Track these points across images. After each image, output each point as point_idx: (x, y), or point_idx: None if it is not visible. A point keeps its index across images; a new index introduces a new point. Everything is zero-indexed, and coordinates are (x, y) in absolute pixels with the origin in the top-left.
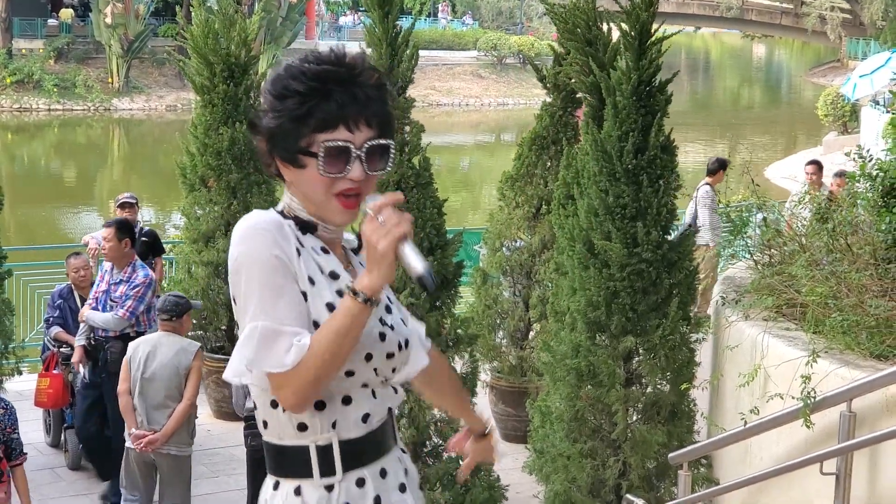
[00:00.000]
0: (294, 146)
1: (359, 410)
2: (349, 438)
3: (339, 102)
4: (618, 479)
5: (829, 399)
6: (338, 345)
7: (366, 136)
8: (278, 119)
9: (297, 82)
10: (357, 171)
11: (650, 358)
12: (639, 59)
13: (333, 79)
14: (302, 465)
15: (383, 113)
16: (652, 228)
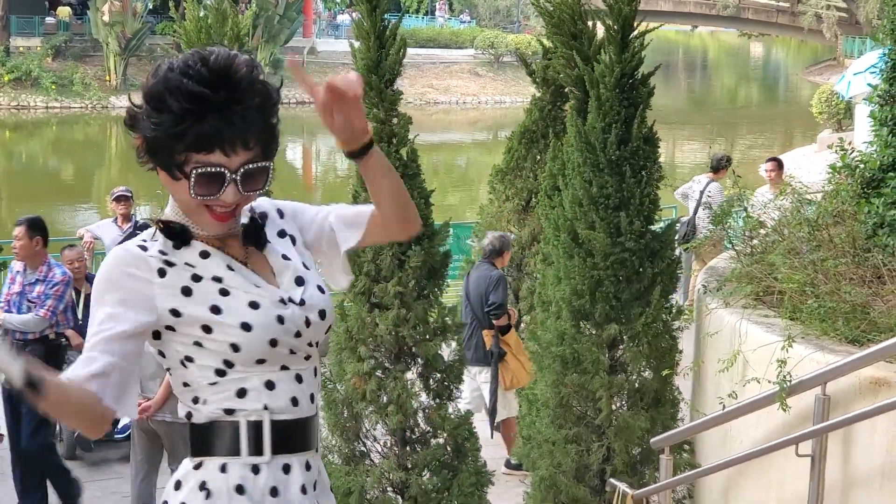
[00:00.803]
0: (169, 161)
1: (287, 394)
2: (281, 420)
3: (214, 127)
4: (602, 464)
5: (804, 383)
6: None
7: (242, 159)
8: (154, 131)
9: (174, 99)
10: (230, 194)
11: (633, 345)
12: (621, 53)
13: (210, 101)
14: (227, 442)
15: (263, 134)
16: (635, 218)
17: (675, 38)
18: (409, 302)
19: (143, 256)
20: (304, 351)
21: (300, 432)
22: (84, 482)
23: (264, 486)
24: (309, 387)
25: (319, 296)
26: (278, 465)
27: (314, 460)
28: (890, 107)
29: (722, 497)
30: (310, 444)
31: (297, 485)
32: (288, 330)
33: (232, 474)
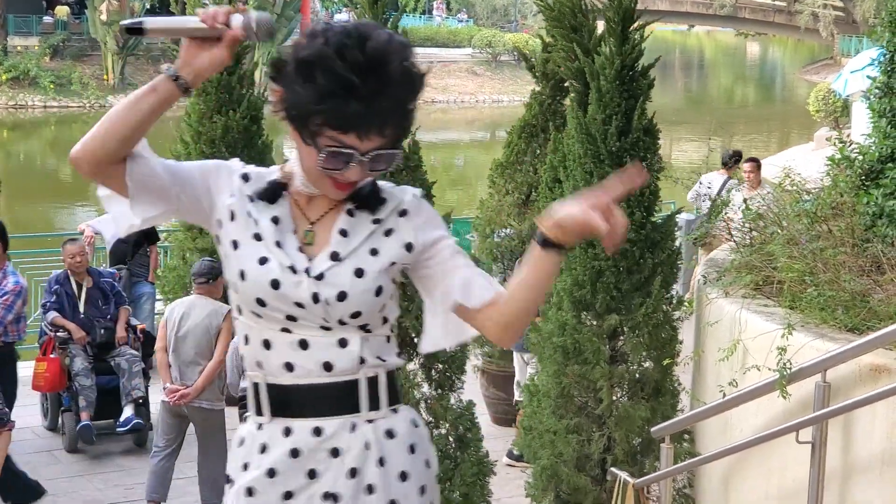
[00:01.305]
0: (303, 127)
1: (280, 357)
2: (275, 383)
3: (356, 113)
4: (603, 453)
5: (804, 370)
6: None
7: (374, 144)
8: (296, 97)
9: (323, 77)
10: (355, 173)
11: (634, 336)
12: (622, 45)
13: (358, 86)
14: (250, 399)
15: (400, 120)
16: (636, 209)
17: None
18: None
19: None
20: (314, 322)
21: (302, 398)
22: (86, 475)
23: (258, 441)
24: (322, 355)
25: (348, 277)
26: (278, 427)
27: (336, 428)
28: (888, 98)
29: (722, 485)
30: (325, 411)
31: (287, 446)
32: (282, 296)
33: (243, 427)
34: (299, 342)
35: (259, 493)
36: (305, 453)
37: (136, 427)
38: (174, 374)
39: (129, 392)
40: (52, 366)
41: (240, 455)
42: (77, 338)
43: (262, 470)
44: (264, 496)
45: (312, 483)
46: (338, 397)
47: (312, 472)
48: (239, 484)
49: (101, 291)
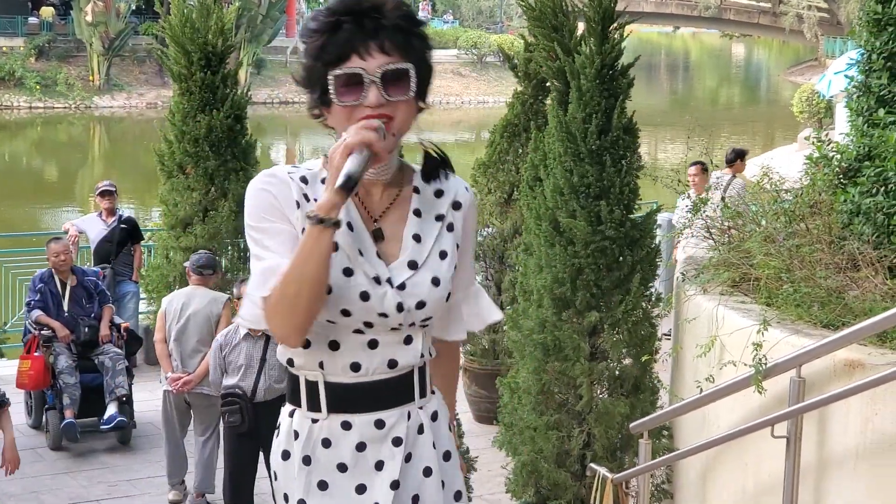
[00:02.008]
0: (318, 84)
1: (346, 358)
2: (337, 382)
3: (348, 32)
4: (582, 449)
5: (779, 365)
6: (298, 272)
7: (380, 61)
8: (306, 59)
9: (314, 21)
10: (373, 96)
11: (614, 332)
12: (601, 44)
13: (344, 11)
14: (296, 393)
15: (403, 39)
16: (615, 207)
17: (657, 40)
18: None
19: (287, 181)
20: (388, 326)
21: (363, 395)
22: (71, 472)
23: (317, 436)
24: (388, 353)
25: (427, 286)
26: (336, 421)
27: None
28: (865, 97)
29: (700, 480)
30: (385, 403)
31: (352, 440)
32: (369, 308)
33: (295, 420)
34: (369, 342)
35: (332, 487)
36: (370, 446)
37: (120, 425)
38: (175, 364)
39: (113, 390)
40: (36, 364)
41: (297, 449)
42: (61, 336)
43: (332, 464)
44: (338, 490)
45: (380, 473)
46: (397, 390)
47: (380, 464)
48: (304, 479)
49: (86, 290)
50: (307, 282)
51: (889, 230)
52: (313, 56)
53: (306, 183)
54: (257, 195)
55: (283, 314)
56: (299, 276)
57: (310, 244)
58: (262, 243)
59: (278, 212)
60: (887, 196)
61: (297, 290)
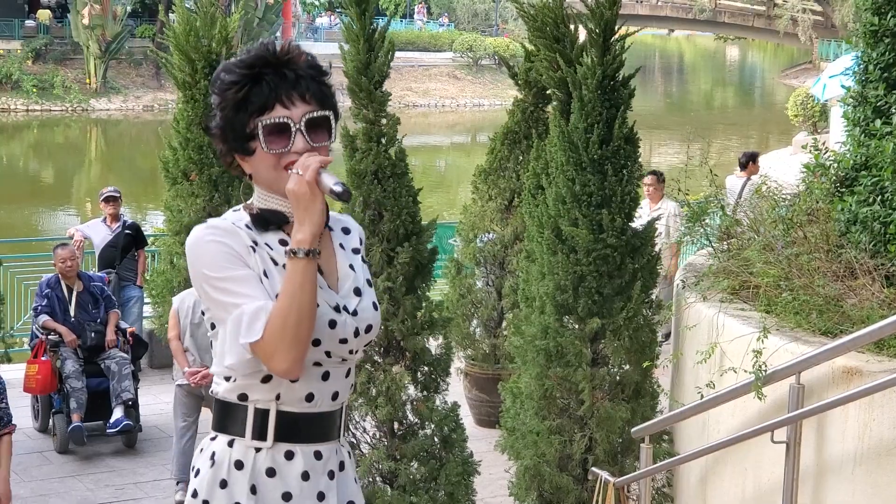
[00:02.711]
0: (241, 133)
1: (304, 389)
2: (288, 412)
3: (270, 84)
4: (584, 453)
5: (778, 372)
6: (296, 303)
7: (303, 110)
8: (223, 111)
9: (231, 74)
10: (300, 143)
11: (615, 339)
12: (603, 55)
13: (263, 64)
14: (238, 423)
15: (318, 88)
16: (616, 215)
17: (652, 42)
18: (398, 297)
19: (234, 230)
20: (341, 356)
21: (309, 425)
22: (77, 475)
23: (261, 465)
24: (335, 385)
25: (372, 311)
26: (280, 451)
27: (328, 451)
28: (862, 108)
29: (700, 485)
30: (324, 436)
31: (297, 470)
32: (335, 335)
33: (235, 450)
34: (323, 374)
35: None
36: (313, 476)
37: (126, 428)
38: (193, 358)
39: (119, 394)
40: (43, 368)
41: (241, 478)
42: (68, 341)
43: (277, 493)
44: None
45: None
46: (332, 425)
47: (321, 495)
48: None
49: (92, 295)
50: (306, 312)
51: (886, 239)
52: (234, 107)
53: (251, 229)
54: (209, 247)
55: (287, 348)
56: (298, 307)
57: (298, 277)
58: (231, 292)
59: (237, 259)
60: (884, 205)
61: (298, 320)
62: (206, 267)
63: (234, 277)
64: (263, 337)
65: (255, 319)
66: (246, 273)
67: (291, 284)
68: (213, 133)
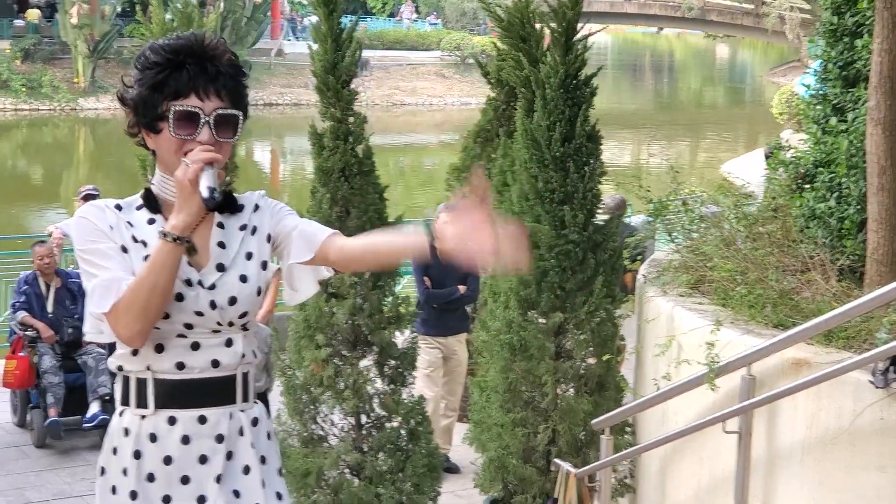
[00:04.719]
0: (152, 112)
1: (172, 359)
2: (164, 378)
3: (190, 73)
4: (547, 445)
5: (731, 364)
6: (150, 280)
7: (215, 105)
8: (140, 87)
9: (156, 55)
10: (205, 135)
11: (578, 333)
12: (565, 55)
13: (187, 52)
14: (125, 394)
15: (233, 87)
16: (578, 212)
17: (642, 41)
18: (365, 292)
19: (103, 208)
20: (207, 327)
21: (187, 392)
22: (54, 469)
23: (145, 431)
24: (211, 354)
25: (236, 284)
26: (163, 417)
27: (217, 416)
28: (822, 106)
29: (660, 475)
30: (208, 401)
31: (177, 434)
32: (185, 308)
33: (125, 419)
34: (192, 345)
35: (158, 479)
36: (194, 440)
37: (103, 423)
38: None
39: (96, 389)
40: (21, 364)
41: (127, 444)
42: (45, 337)
43: (159, 457)
44: (163, 481)
45: (204, 467)
46: (220, 390)
47: (203, 458)
48: (135, 472)
49: (69, 292)
50: (159, 292)
51: (841, 234)
52: (152, 87)
53: (120, 210)
54: (79, 223)
55: (132, 320)
56: (151, 286)
57: (161, 259)
58: (93, 263)
59: (100, 233)
60: (839, 201)
61: (148, 298)
62: (76, 240)
63: (96, 250)
64: (114, 306)
65: (106, 290)
66: (107, 246)
67: (154, 261)
68: (127, 104)
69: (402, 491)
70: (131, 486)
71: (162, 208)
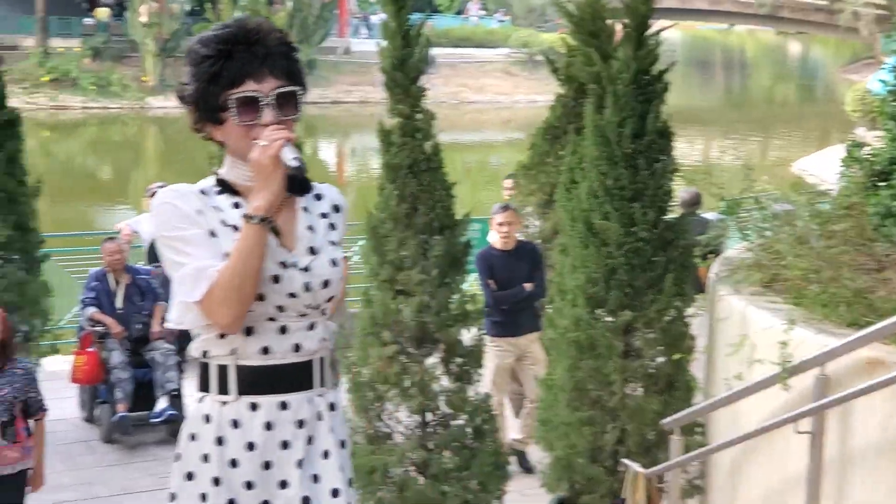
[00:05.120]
0: (213, 105)
1: (258, 342)
2: (247, 365)
3: (242, 60)
4: (615, 445)
5: (804, 363)
6: (242, 265)
7: (272, 85)
8: (197, 83)
9: (205, 47)
10: (268, 115)
11: (647, 331)
12: (637, 50)
13: (234, 40)
14: (205, 380)
15: (286, 64)
16: (648, 209)
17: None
18: (432, 289)
19: (188, 193)
20: (296, 310)
21: (270, 377)
22: (121, 464)
23: (226, 418)
24: (295, 338)
25: (328, 267)
26: (245, 403)
27: (299, 401)
28: None
29: (730, 476)
30: (290, 387)
31: (260, 421)
32: (281, 289)
33: (205, 405)
34: (280, 328)
35: (242, 465)
36: (277, 426)
37: (170, 418)
38: None
39: (164, 384)
40: (90, 359)
41: (208, 431)
42: (114, 332)
43: (241, 443)
44: (247, 467)
45: (286, 452)
46: (300, 375)
47: (286, 444)
48: (217, 458)
49: (138, 288)
50: (251, 276)
51: None
52: (207, 80)
53: (205, 194)
54: (163, 209)
55: (229, 306)
56: (243, 270)
57: (250, 242)
58: (180, 250)
59: (187, 219)
60: None
61: (242, 282)
62: (160, 227)
63: (183, 237)
64: (206, 294)
65: (197, 279)
66: (194, 233)
67: (243, 245)
68: (187, 102)
69: (468, 489)
70: (214, 473)
71: (241, 193)
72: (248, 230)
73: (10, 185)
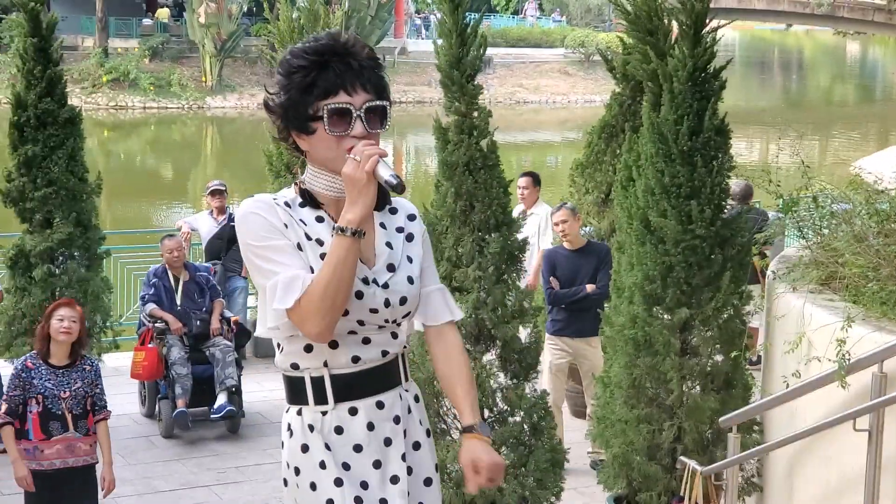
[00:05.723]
0: (304, 114)
1: (347, 354)
2: (340, 374)
3: (336, 71)
4: (673, 443)
5: (862, 361)
6: (335, 276)
7: (363, 98)
8: (288, 93)
9: (300, 59)
10: (359, 128)
11: (704, 329)
12: (694, 47)
13: (330, 52)
14: (301, 393)
15: (377, 79)
16: (706, 206)
17: (770, 37)
18: (489, 286)
19: (273, 205)
20: (376, 323)
21: (363, 382)
22: (181, 459)
23: (329, 425)
24: (380, 346)
25: (406, 284)
26: (343, 409)
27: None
28: None
29: (788, 474)
30: (382, 387)
31: (361, 423)
32: (363, 305)
33: (305, 416)
34: (363, 339)
35: (354, 467)
36: (378, 425)
37: (230, 414)
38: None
39: (223, 380)
40: (150, 355)
41: (316, 439)
42: (174, 329)
43: (348, 448)
44: (358, 469)
45: (390, 448)
46: (389, 374)
47: (388, 440)
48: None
49: (197, 285)
50: (344, 287)
51: None
52: (301, 90)
53: (290, 207)
54: (251, 219)
55: (321, 316)
56: (338, 280)
57: (342, 253)
58: (270, 259)
59: (275, 230)
60: None
61: (335, 293)
62: (248, 236)
63: (273, 247)
64: (299, 303)
65: (289, 288)
66: (284, 243)
67: (335, 258)
68: (274, 111)
69: (525, 486)
70: (334, 475)
71: (323, 205)
72: (340, 241)
73: (72, 183)
